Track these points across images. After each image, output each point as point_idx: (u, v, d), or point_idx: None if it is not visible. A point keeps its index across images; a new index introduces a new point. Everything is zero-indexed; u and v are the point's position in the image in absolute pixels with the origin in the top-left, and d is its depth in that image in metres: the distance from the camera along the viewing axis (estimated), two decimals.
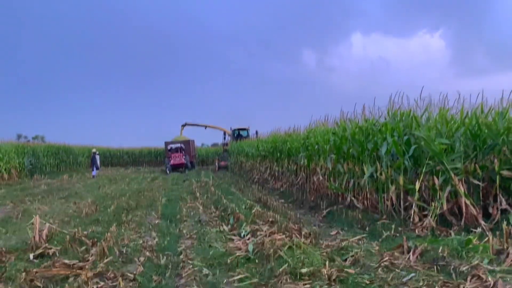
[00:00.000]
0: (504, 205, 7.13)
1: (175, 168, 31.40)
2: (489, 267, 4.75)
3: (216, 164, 34.21)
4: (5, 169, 23.19)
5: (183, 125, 40.20)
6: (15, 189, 17.97)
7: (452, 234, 6.43)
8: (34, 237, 6.24)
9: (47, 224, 6.84)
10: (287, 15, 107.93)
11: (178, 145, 34.46)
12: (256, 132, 29.95)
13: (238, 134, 34.91)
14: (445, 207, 7.13)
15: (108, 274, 4.94)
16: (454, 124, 8.14)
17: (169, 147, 34.54)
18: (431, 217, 7.03)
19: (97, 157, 28.88)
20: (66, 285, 4.29)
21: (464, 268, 4.78)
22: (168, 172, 30.32)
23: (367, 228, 7.40)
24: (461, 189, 7.04)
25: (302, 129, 14.84)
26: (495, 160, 7.27)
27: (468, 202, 6.98)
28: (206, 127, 40.43)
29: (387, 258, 5.14)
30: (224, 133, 38.58)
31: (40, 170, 28.27)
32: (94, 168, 27.95)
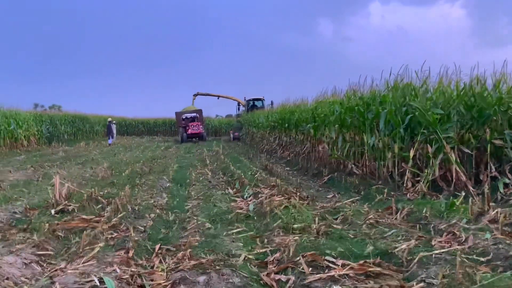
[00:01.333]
0: (494, 172, 7.52)
1: (192, 137, 31.20)
2: (465, 226, 5.20)
3: (231, 134, 34.39)
4: (24, 136, 24.06)
5: (195, 95, 39.74)
6: (34, 155, 18.79)
7: (441, 198, 6.88)
8: (55, 195, 6.84)
9: (66, 184, 7.45)
10: None
11: (194, 114, 33.84)
12: (272, 103, 29.57)
13: (252, 105, 34.44)
14: (437, 174, 7.54)
15: (121, 227, 5.52)
16: (452, 95, 8.45)
17: (183, 116, 33.65)
18: (423, 182, 7.45)
19: (113, 126, 29.69)
20: (84, 234, 4.85)
21: (442, 227, 5.26)
22: (182, 141, 30.56)
23: (362, 193, 7.89)
24: (453, 157, 7.43)
25: (311, 100, 15.26)
26: (487, 130, 7.62)
27: (458, 169, 7.38)
28: (218, 97, 39.92)
29: (371, 216, 5.63)
30: (238, 104, 38.13)
31: (57, 138, 29.18)
32: (110, 137, 28.78)
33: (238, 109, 38.09)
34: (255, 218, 6.05)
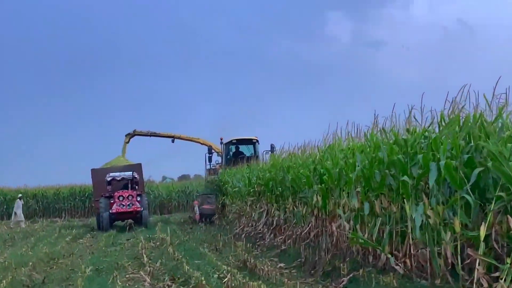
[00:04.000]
0: None
1: (121, 219, 29.59)
2: None
3: (196, 209, 30.84)
4: None
5: (129, 135, 38.21)
6: None
7: None
8: None
9: None
10: None
11: (129, 173, 31.13)
12: (272, 148, 27.60)
13: (236, 152, 31.88)
14: None
15: None
16: None
17: (108, 178, 30.45)
18: (505, 280, 7.49)
19: (20, 203, 33.83)
20: None
21: None
22: (102, 228, 28.43)
23: None
24: None
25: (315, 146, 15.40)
26: None
27: None
28: (173, 139, 38.71)
29: None
30: (210, 150, 34.30)
31: None
32: None
33: (210, 159, 34.23)
34: None
